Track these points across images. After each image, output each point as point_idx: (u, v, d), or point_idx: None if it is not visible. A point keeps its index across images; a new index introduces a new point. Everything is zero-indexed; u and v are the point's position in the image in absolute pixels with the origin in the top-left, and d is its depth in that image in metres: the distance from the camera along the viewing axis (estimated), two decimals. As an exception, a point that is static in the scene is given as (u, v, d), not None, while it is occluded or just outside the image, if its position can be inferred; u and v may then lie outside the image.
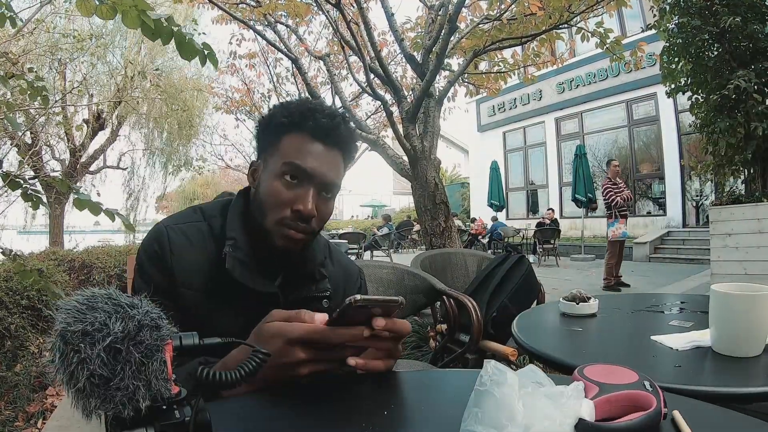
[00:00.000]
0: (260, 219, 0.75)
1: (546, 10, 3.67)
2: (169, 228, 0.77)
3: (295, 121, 0.74)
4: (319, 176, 0.73)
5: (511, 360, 1.78)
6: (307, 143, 0.74)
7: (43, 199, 1.78)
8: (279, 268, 0.80)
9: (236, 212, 0.79)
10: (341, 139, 0.77)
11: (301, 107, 0.76)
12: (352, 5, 4.30)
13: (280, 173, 0.73)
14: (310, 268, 0.81)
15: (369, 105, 10.92)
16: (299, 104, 0.77)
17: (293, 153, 0.73)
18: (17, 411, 2.23)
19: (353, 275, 0.93)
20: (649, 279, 6.76)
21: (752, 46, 4.42)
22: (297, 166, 0.73)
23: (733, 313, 0.89)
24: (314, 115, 0.74)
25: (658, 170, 10.89)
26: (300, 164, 0.73)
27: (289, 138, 0.74)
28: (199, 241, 0.77)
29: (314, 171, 0.73)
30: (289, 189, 0.73)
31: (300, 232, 0.74)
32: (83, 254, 4.06)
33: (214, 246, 0.76)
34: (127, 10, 1.34)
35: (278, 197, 0.73)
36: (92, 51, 8.24)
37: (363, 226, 17.61)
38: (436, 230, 3.82)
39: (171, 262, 0.74)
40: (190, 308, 0.73)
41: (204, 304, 0.74)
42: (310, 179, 0.73)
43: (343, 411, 0.66)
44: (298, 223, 0.73)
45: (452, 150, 23.49)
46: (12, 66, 4.92)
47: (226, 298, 0.75)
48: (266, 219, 0.74)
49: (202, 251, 0.76)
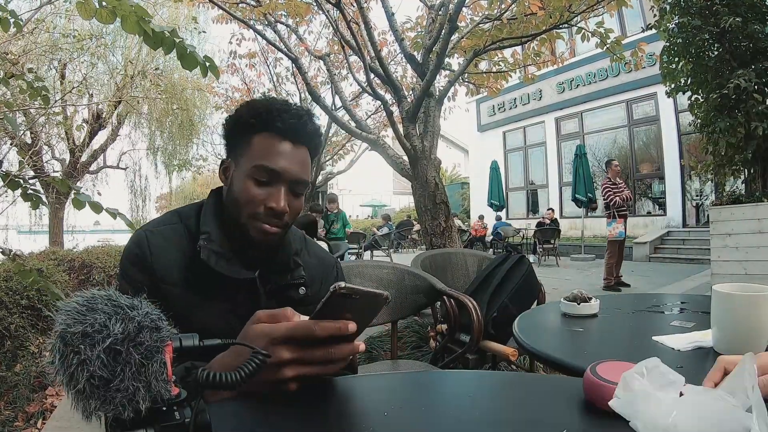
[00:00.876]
0: (235, 215, 0.78)
1: (546, 10, 3.67)
2: (148, 231, 0.80)
3: (263, 121, 0.77)
4: (289, 175, 0.77)
5: (512, 360, 1.78)
6: (277, 143, 0.77)
7: (43, 198, 1.78)
8: (255, 259, 0.82)
9: (210, 210, 0.83)
10: (308, 136, 0.80)
11: (269, 107, 0.78)
12: (352, 5, 4.30)
13: (251, 173, 0.76)
14: (284, 257, 0.84)
15: (369, 105, 10.94)
16: (266, 104, 0.79)
17: (264, 154, 0.76)
18: (17, 411, 2.23)
19: (329, 265, 0.95)
20: (649, 279, 6.76)
21: (752, 46, 4.42)
22: (268, 167, 0.76)
23: (735, 314, 0.89)
24: (281, 115, 0.77)
25: (658, 170, 10.89)
26: (271, 165, 0.76)
27: (259, 138, 0.77)
28: (177, 241, 0.80)
29: (285, 171, 0.76)
30: (261, 188, 0.76)
31: (273, 226, 0.78)
32: (83, 254, 4.06)
33: (191, 244, 0.79)
34: (126, 15, 1.34)
35: (251, 196, 0.76)
36: (92, 51, 8.24)
37: (363, 225, 17.61)
38: (437, 230, 3.81)
39: (151, 262, 0.77)
40: (173, 305, 0.74)
41: (185, 298, 0.77)
42: (281, 178, 0.77)
43: (343, 412, 0.66)
44: (271, 218, 0.77)
45: (452, 150, 23.50)
46: (12, 66, 4.92)
47: (207, 291, 0.78)
48: (241, 215, 0.77)
49: (179, 249, 0.79)
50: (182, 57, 1.46)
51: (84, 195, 1.56)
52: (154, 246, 0.78)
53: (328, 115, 5.39)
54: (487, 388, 0.74)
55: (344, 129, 5.51)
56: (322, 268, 0.93)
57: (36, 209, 1.82)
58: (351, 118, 4.98)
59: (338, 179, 21.56)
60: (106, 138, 10.45)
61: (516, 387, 0.76)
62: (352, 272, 1.99)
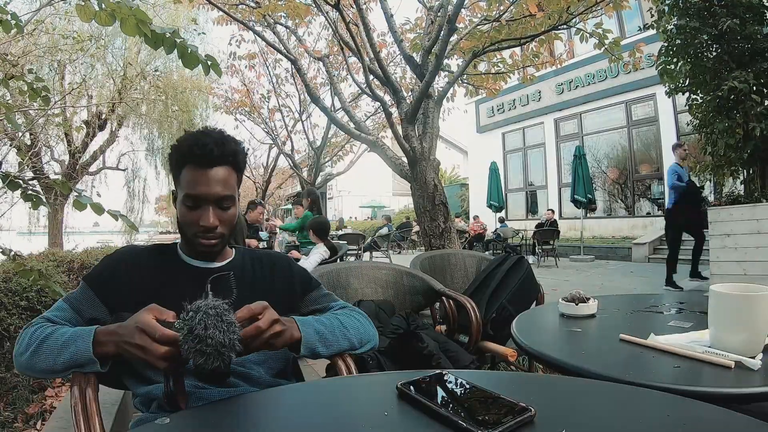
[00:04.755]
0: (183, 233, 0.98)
1: (545, 11, 3.67)
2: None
3: (183, 156, 0.93)
4: (212, 197, 0.92)
5: (511, 361, 1.78)
6: (197, 173, 0.92)
7: (43, 199, 1.78)
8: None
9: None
10: (223, 158, 0.93)
11: (186, 143, 0.93)
12: (352, 6, 4.31)
13: (184, 201, 0.94)
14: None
15: (368, 106, 10.96)
16: (184, 141, 0.94)
17: (188, 185, 0.92)
18: (16, 412, 2.23)
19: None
20: (648, 279, 6.76)
21: (751, 47, 4.43)
22: (192, 195, 0.92)
23: (732, 314, 0.89)
24: (192, 149, 0.91)
25: (657, 171, 10.89)
26: (194, 193, 0.92)
27: (185, 171, 0.93)
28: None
29: (207, 194, 0.92)
30: (193, 211, 0.93)
31: (210, 239, 0.95)
32: (82, 255, 4.05)
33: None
34: (125, 17, 1.35)
35: (187, 219, 0.95)
36: (92, 52, 8.24)
37: (363, 227, 17.61)
38: (436, 231, 3.82)
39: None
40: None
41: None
42: (206, 201, 0.93)
43: (343, 412, 0.66)
44: (206, 234, 0.94)
45: (451, 151, 23.49)
46: (12, 67, 4.92)
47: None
48: (186, 234, 0.97)
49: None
50: (183, 56, 1.46)
51: (85, 197, 1.56)
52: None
53: (327, 117, 5.40)
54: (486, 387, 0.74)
55: (343, 130, 5.51)
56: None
57: (36, 209, 1.83)
58: (350, 119, 4.99)
59: (337, 180, 21.58)
60: (105, 139, 10.46)
61: (516, 387, 0.77)
62: (351, 273, 1.99)
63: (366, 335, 0.99)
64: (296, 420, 0.63)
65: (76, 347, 0.77)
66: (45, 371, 0.80)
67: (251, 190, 16.08)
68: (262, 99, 11.02)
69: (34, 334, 0.83)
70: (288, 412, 0.68)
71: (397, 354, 1.48)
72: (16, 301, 2.60)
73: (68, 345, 0.78)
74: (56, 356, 0.78)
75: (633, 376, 0.81)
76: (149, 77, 9.53)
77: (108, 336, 0.76)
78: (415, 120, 3.94)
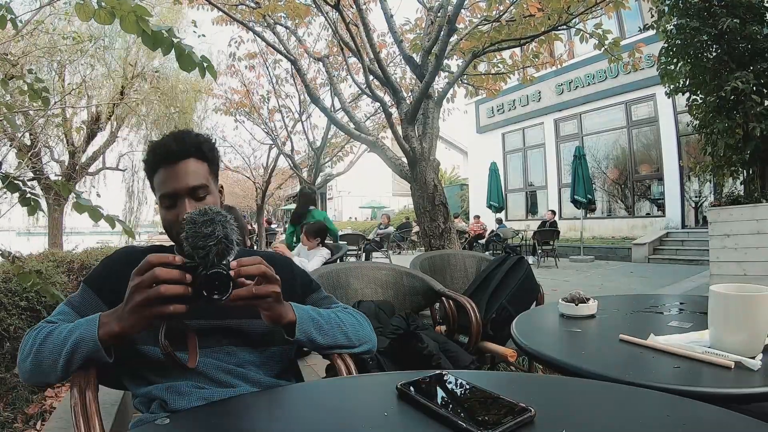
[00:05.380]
0: (171, 237, 1.00)
1: (545, 12, 3.68)
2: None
3: (151, 162, 0.97)
4: (182, 189, 0.94)
5: (511, 361, 1.78)
6: (166, 173, 0.95)
7: (41, 203, 1.77)
8: None
9: None
10: (185, 150, 0.96)
11: (150, 151, 0.98)
12: (352, 7, 4.31)
13: (162, 204, 0.97)
14: None
15: (368, 106, 10.95)
16: (149, 149, 0.99)
17: (160, 186, 0.96)
18: (16, 412, 2.23)
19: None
20: (648, 280, 6.76)
21: (751, 48, 4.43)
22: (166, 194, 0.95)
23: (731, 314, 0.89)
24: (154, 152, 0.96)
25: (657, 171, 10.90)
26: (167, 191, 0.94)
27: (155, 177, 0.97)
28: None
29: (177, 189, 0.94)
30: (171, 210, 0.95)
31: None
32: (82, 256, 4.05)
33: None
34: (125, 15, 1.34)
35: (168, 220, 0.96)
36: (92, 53, 8.24)
37: (363, 227, 17.61)
38: (435, 232, 3.81)
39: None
40: None
41: None
42: (179, 195, 0.94)
43: (343, 412, 0.66)
44: None
45: (451, 151, 23.50)
46: (12, 68, 4.92)
47: None
48: (173, 236, 0.98)
49: None
50: (180, 57, 1.46)
51: (85, 200, 1.56)
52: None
53: (327, 117, 5.40)
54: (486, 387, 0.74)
55: (343, 131, 5.51)
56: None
57: (33, 215, 1.82)
58: (350, 119, 4.99)
59: (337, 181, 21.57)
60: (104, 140, 10.46)
61: (516, 387, 0.77)
62: (351, 274, 1.99)
63: (363, 335, 0.99)
64: (296, 420, 0.63)
65: (80, 332, 0.77)
66: (49, 367, 0.79)
67: (251, 190, 16.07)
68: (261, 99, 11.02)
69: (38, 335, 0.84)
70: (288, 412, 0.68)
71: (397, 354, 1.48)
72: (15, 301, 2.60)
73: (72, 332, 0.79)
74: (60, 346, 0.78)
75: (633, 377, 0.81)
76: (149, 77, 9.53)
77: (110, 316, 0.77)
78: (414, 120, 3.94)
